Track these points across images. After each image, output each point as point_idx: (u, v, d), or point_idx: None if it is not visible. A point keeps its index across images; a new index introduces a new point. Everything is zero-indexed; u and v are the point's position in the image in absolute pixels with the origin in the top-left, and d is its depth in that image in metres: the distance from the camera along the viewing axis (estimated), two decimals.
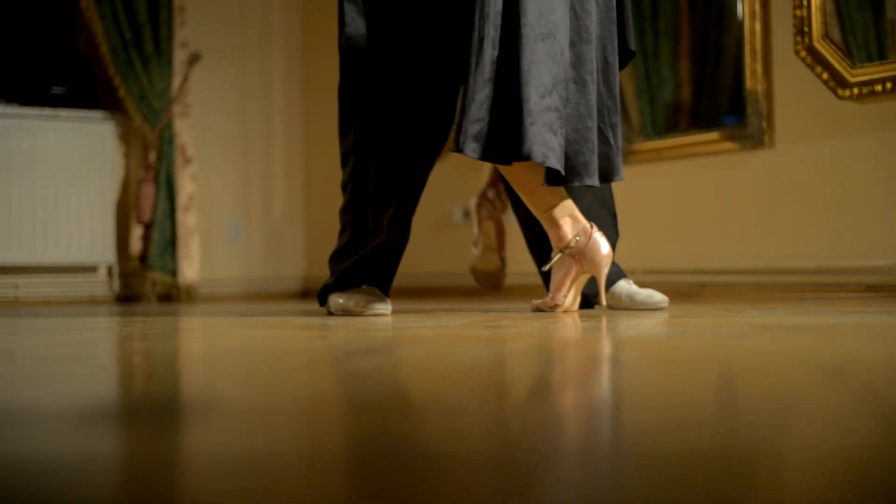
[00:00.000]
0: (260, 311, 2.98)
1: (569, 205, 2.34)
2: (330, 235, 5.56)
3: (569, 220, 2.34)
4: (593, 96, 2.27)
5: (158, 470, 0.53)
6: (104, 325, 2.21)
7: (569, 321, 2.00)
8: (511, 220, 3.12)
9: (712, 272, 3.72)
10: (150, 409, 0.78)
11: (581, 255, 2.33)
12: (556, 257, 2.39)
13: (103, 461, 0.56)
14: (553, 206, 2.33)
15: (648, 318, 2.01)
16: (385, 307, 2.44)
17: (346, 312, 2.45)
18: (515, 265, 4.52)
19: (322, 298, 2.64)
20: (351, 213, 2.57)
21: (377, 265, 2.56)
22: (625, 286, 2.55)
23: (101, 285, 5.06)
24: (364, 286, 2.54)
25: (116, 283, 5.10)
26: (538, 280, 4.09)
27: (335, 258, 2.62)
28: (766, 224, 3.58)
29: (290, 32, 5.66)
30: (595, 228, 2.34)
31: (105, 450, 0.59)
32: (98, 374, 1.10)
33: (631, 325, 1.77)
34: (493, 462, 0.53)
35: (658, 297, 2.50)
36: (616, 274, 2.57)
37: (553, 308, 2.43)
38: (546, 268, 2.43)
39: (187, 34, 5.16)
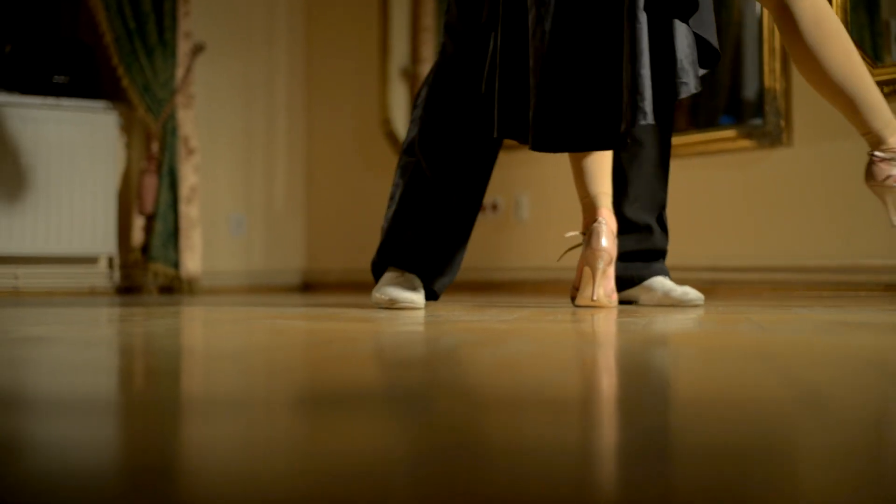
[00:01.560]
0: (285, 303, 2.94)
1: (595, 199, 2.34)
2: (331, 230, 5.56)
3: (588, 212, 2.36)
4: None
5: (377, 465, 0.52)
6: (139, 317, 2.18)
7: (617, 316, 1.99)
8: None
9: (728, 269, 3.73)
10: (343, 399, 0.77)
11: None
12: (566, 249, 2.45)
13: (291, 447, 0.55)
14: (583, 197, 2.36)
15: (694, 314, 2.01)
16: (414, 300, 2.31)
17: (377, 305, 2.40)
18: (524, 260, 4.52)
19: (377, 272, 2.52)
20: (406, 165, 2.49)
21: (426, 240, 2.45)
22: (661, 282, 2.55)
23: (101, 276, 5.01)
24: (406, 272, 2.43)
25: (117, 275, 5.05)
26: (549, 276, 4.09)
27: (387, 211, 2.52)
28: (782, 222, 3.60)
29: (293, 25, 5.62)
30: (600, 221, 2.30)
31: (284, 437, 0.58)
32: (215, 366, 1.09)
33: (690, 320, 1.77)
34: (730, 449, 0.53)
35: (693, 294, 2.50)
36: (660, 269, 2.58)
37: (572, 300, 2.43)
38: (558, 259, 2.49)
39: (191, 25, 5.11)
